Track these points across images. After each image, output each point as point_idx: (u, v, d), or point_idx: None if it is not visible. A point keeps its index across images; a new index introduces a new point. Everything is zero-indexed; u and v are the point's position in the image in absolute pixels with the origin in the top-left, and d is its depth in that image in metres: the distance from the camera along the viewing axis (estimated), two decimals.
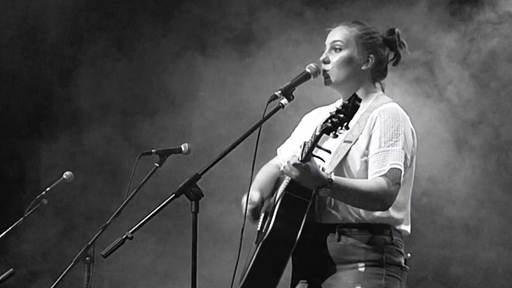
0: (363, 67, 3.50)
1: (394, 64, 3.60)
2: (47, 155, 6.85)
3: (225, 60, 6.61)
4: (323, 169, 3.28)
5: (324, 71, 3.49)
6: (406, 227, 3.48)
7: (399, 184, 3.32)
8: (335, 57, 3.49)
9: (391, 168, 3.31)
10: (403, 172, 3.33)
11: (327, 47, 3.53)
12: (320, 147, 3.20)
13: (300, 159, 3.18)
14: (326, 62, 3.50)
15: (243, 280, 3.40)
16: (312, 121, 3.61)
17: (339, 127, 3.05)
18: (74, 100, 6.92)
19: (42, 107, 7.01)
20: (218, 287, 5.64)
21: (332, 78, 3.48)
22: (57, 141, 6.86)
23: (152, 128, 6.76)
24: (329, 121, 3.05)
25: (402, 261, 3.45)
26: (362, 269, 3.35)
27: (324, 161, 3.31)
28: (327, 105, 3.70)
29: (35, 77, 6.94)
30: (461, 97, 6.18)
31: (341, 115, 3.03)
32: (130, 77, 6.85)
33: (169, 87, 6.78)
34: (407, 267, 3.48)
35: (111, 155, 6.80)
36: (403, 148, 3.35)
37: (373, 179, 3.32)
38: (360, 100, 3.04)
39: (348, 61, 3.48)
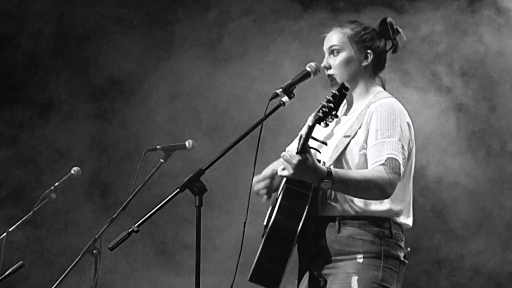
0: (364, 64, 3.61)
1: (394, 52, 3.68)
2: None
3: (200, 63, 6.68)
4: (323, 163, 3.36)
5: (329, 75, 3.61)
6: (407, 220, 3.54)
7: (398, 173, 3.38)
8: (335, 61, 3.60)
9: (388, 158, 3.38)
10: (401, 163, 3.39)
11: (326, 53, 3.65)
12: (316, 139, 3.31)
13: (296, 151, 3.26)
14: (328, 67, 3.61)
15: (250, 273, 3.44)
16: None
17: (329, 116, 3.21)
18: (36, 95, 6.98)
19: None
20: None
21: (338, 81, 3.57)
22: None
23: (123, 128, 6.81)
24: (320, 111, 3.21)
25: (401, 255, 3.51)
26: (361, 260, 3.42)
27: (320, 152, 3.41)
28: None
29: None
30: (460, 95, 6.22)
31: (330, 104, 3.20)
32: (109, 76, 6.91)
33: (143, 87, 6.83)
34: (406, 261, 3.53)
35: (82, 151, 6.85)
36: (399, 140, 3.42)
37: (372, 169, 3.39)
38: (347, 89, 3.22)
39: (347, 62, 3.59)
